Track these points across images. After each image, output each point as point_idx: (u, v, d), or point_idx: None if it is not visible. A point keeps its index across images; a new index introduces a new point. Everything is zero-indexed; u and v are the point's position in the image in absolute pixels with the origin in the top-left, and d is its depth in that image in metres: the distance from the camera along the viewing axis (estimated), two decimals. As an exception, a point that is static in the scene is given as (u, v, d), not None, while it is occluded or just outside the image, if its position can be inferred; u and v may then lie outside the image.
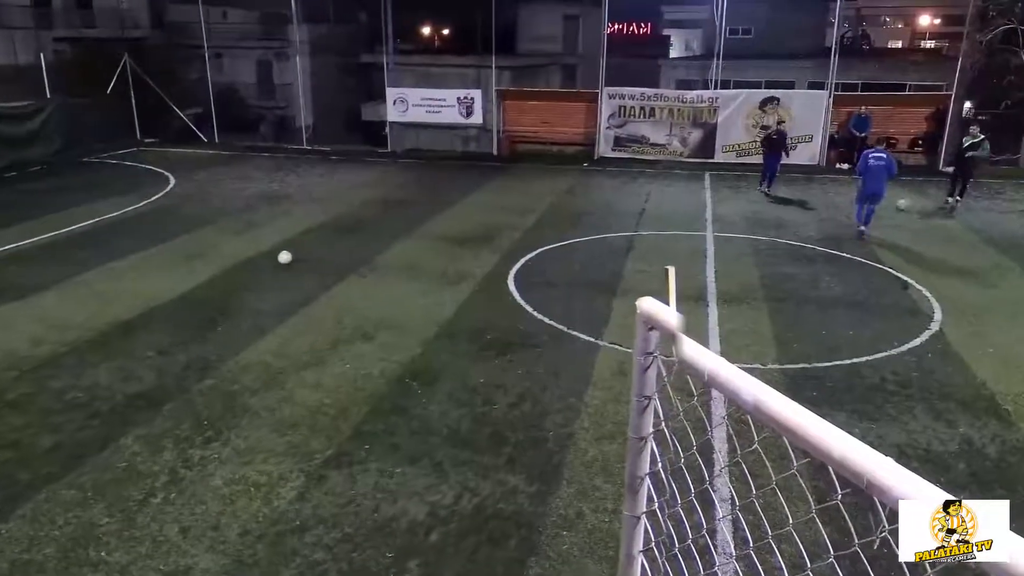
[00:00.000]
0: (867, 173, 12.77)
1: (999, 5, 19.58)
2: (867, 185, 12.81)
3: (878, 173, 12.65)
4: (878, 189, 12.75)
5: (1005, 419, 6.83)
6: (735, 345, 8.47)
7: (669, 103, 21.56)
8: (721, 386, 1.48)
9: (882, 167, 12.64)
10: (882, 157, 12.74)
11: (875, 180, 12.68)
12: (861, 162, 13.12)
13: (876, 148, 13.25)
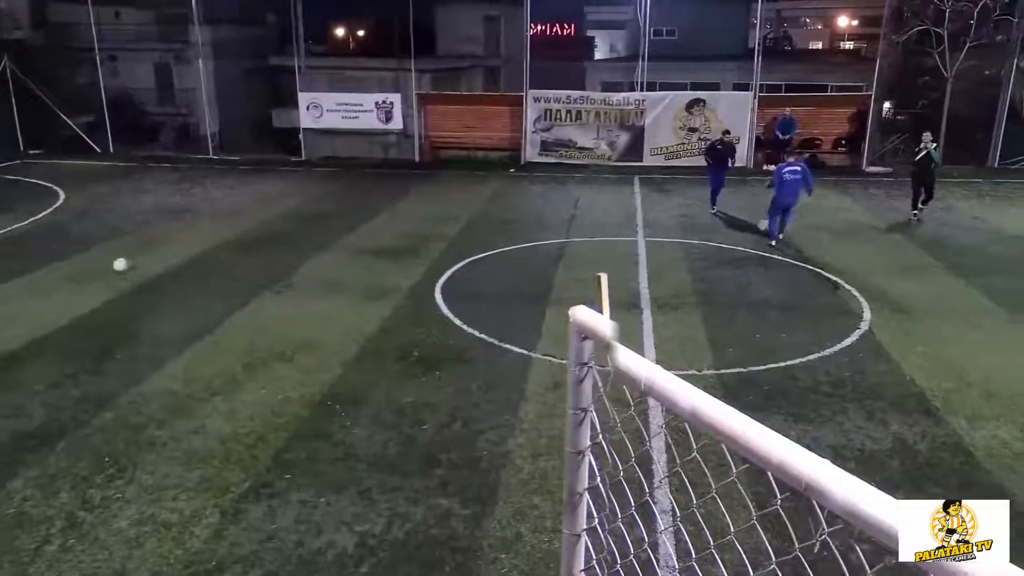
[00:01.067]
0: (783, 187, 12.90)
1: (913, 7, 20.79)
2: (781, 198, 12.94)
3: (794, 187, 12.85)
4: (792, 202, 12.99)
5: (934, 415, 7.20)
6: (670, 352, 8.65)
7: (596, 106, 21.96)
8: (658, 394, 1.51)
9: (798, 181, 12.83)
10: (798, 171, 12.92)
11: (790, 194, 12.90)
12: (776, 175, 13.14)
13: (792, 161, 13.40)
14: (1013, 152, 20.65)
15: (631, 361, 1.58)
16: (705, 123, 21.32)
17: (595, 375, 1.83)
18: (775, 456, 1.22)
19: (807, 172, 13.07)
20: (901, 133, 21.83)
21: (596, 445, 1.94)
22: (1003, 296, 10.47)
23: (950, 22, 19.96)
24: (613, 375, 1.62)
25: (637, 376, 1.55)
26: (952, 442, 6.73)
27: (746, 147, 21.30)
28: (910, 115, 22.51)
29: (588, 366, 1.82)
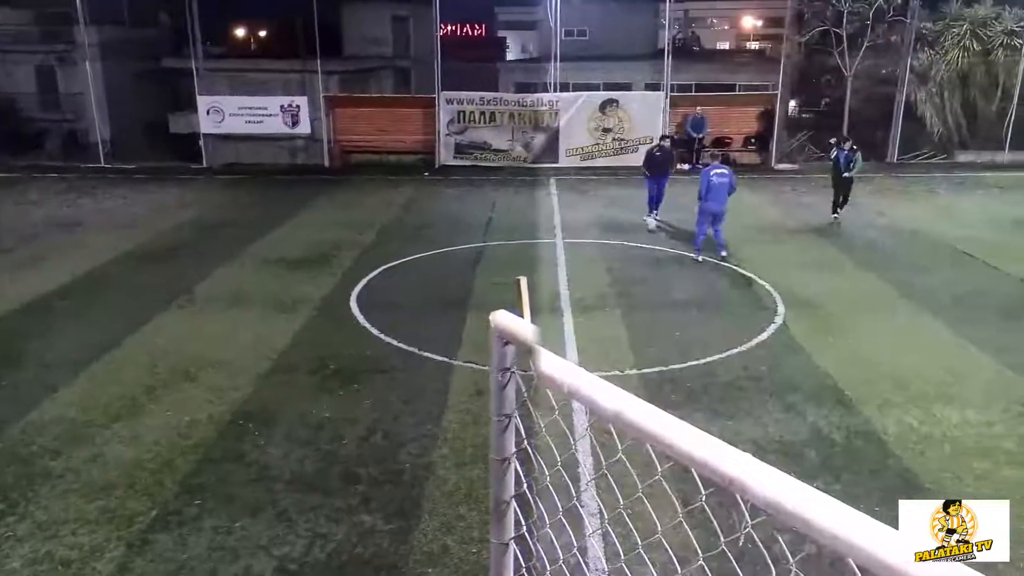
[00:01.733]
0: (709, 192, 12.31)
1: (813, 8, 21.84)
2: (709, 204, 12.37)
3: (721, 192, 12.28)
4: (721, 208, 12.39)
5: (848, 405, 7.56)
6: (593, 354, 8.78)
7: (509, 107, 22.11)
8: (582, 397, 1.53)
9: (725, 185, 12.28)
10: (725, 174, 12.37)
11: (718, 200, 12.31)
12: (703, 180, 12.48)
13: (717, 163, 12.80)
14: (910, 148, 21.92)
15: (554, 365, 1.60)
16: (619, 123, 21.78)
17: (518, 380, 1.84)
18: (699, 453, 1.25)
19: (732, 175, 12.53)
20: (807, 130, 22.84)
21: (521, 451, 1.95)
22: (908, 288, 11.09)
23: (848, 23, 21.06)
24: (536, 380, 1.63)
25: (560, 380, 1.57)
26: (865, 430, 7.07)
27: (660, 147, 21.82)
28: (814, 113, 23.59)
29: (511, 371, 1.83)
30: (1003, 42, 21.14)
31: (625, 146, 21.92)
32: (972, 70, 21.61)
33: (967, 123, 22.10)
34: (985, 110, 21.89)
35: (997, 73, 21.47)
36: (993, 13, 21.51)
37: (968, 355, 8.69)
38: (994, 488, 6.13)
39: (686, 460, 1.28)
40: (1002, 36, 21.16)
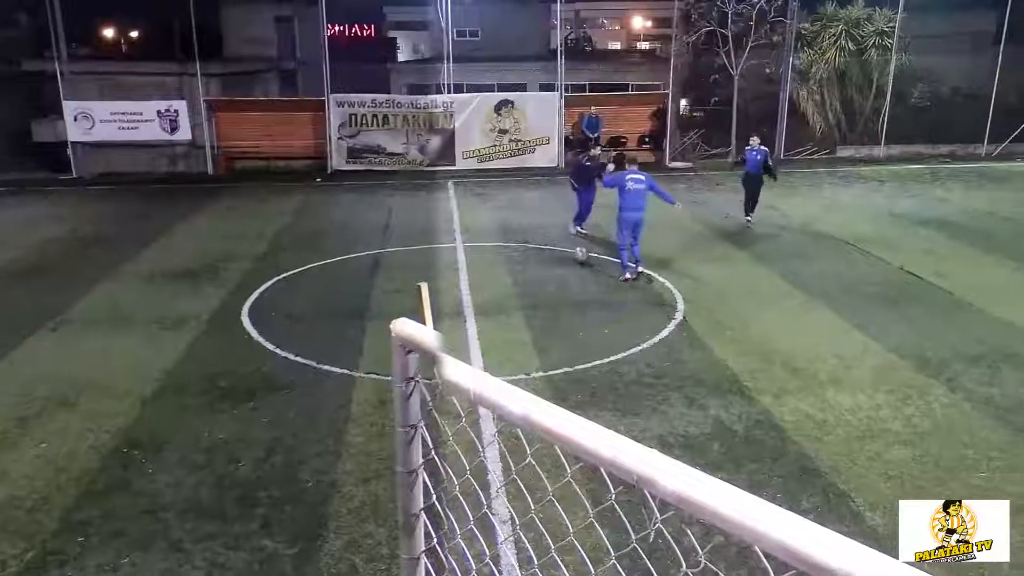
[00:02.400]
0: (625, 199, 11.54)
1: (699, 9, 22.72)
2: (628, 213, 11.56)
3: (638, 199, 11.56)
4: (640, 216, 11.60)
5: (747, 396, 7.89)
6: (497, 358, 8.82)
7: (403, 109, 21.96)
8: (488, 403, 1.53)
9: (643, 191, 11.61)
10: (641, 179, 11.61)
11: (636, 207, 11.56)
12: (616, 182, 11.79)
13: (633, 168, 11.89)
14: (795, 144, 23.11)
15: (459, 371, 1.59)
16: (515, 124, 21.99)
17: (422, 389, 1.83)
18: (606, 452, 1.28)
19: (651, 178, 11.78)
20: (698, 129, 23.72)
21: (429, 462, 1.94)
22: (799, 279, 11.67)
23: (733, 24, 22.00)
24: (441, 387, 1.63)
25: (466, 386, 1.56)
26: (764, 419, 7.40)
27: (556, 147, 22.21)
28: (705, 112, 24.53)
29: (414, 380, 1.81)
30: (875, 42, 22.60)
31: (522, 147, 22.16)
32: (848, 69, 22.99)
33: (846, 119, 23.49)
34: (862, 107, 23.33)
35: (871, 71, 22.92)
36: (865, 14, 22.96)
37: (856, 341, 9.22)
38: (884, 468, 6.53)
39: (594, 460, 1.30)
40: (874, 36, 22.61)
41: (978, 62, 23.05)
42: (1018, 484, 6.27)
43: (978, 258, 12.76)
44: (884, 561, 0.95)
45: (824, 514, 5.91)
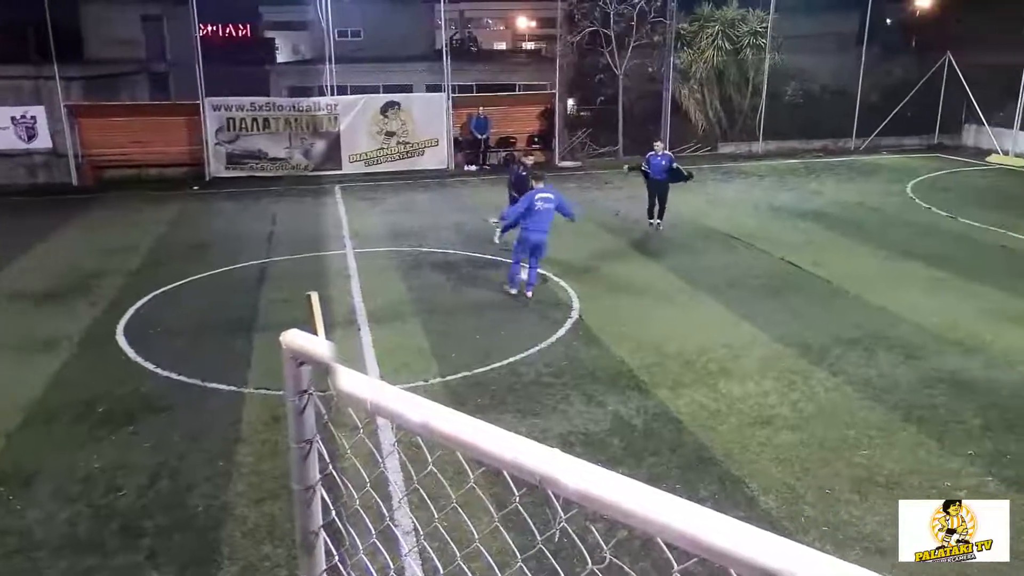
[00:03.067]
0: (531, 218, 10.54)
1: (582, 9, 23.21)
2: (531, 234, 10.59)
3: (545, 220, 10.61)
4: (542, 239, 10.70)
5: (644, 390, 8.12)
6: (394, 365, 8.74)
7: (284, 113, 21.41)
8: (386, 412, 1.51)
9: (551, 211, 10.65)
10: (551, 198, 10.71)
11: (540, 229, 10.63)
12: (524, 203, 10.75)
13: (542, 186, 10.99)
14: (680, 142, 23.95)
15: (354, 381, 1.57)
16: (402, 126, 21.83)
17: (316, 402, 1.79)
18: (508, 455, 1.29)
19: (561, 197, 11.06)
20: (586, 128, 24.22)
21: (327, 477, 1.90)
22: (688, 273, 12.10)
23: (615, 24, 22.60)
24: (336, 399, 1.59)
25: (362, 396, 1.54)
26: (661, 412, 7.64)
27: (445, 149, 22.19)
28: (592, 111, 25.07)
29: (308, 393, 1.77)
30: (749, 42, 23.71)
31: (411, 150, 22.02)
32: (726, 68, 24.01)
33: (726, 117, 24.53)
34: (740, 105, 24.42)
35: (747, 70, 24.03)
36: (739, 15, 24.05)
37: (744, 332, 9.65)
38: (775, 453, 6.86)
39: (497, 463, 1.31)
40: (748, 36, 23.72)
41: (844, 61, 24.54)
42: (896, 461, 6.72)
43: (851, 247, 13.59)
44: (778, 542, 0.99)
45: (721, 501, 6.15)
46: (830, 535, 5.76)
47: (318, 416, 1.81)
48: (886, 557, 5.50)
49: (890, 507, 6.06)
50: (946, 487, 6.31)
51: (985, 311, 10.16)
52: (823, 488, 6.34)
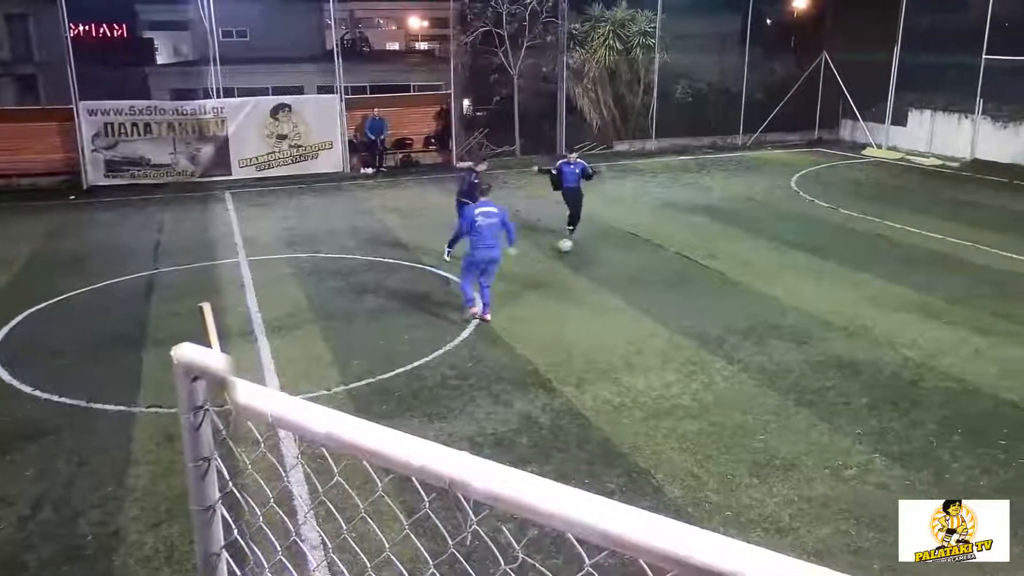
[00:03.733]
0: (477, 237, 9.93)
1: (474, 9, 23.29)
2: (479, 253, 9.96)
3: (491, 236, 9.97)
4: (494, 254, 10.07)
5: (550, 388, 8.22)
6: (295, 376, 8.54)
7: (167, 116, 20.54)
8: (288, 424, 1.48)
9: (495, 225, 10.01)
10: (493, 213, 10.04)
11: (489, 245, 9.98)
12: (466, 219, 10.25)
13: (485, 200, 10.29)
14: (575, 140, 24.34)
15: (252, 394, 1.52)
16: (294, 129, 21.33)
17: (213, 418, 1.73)
18: (416, 460, 1.28)
19: (504, 212, 10.32)
20: (483, 128, 24.30)
21: (227, 495, 1.84)
22: (590, 269, 12.33)
23: (508, 24, 22.78)
24: (234, 413, 1.55)
25: (262, 409, 1.50)
26: (567, 409, 7.75)
27: (340, 151, 21.82)
28: (488, 111, 25.18)
29: (203, 409, 1.70)
30: (639, 42, 24.35)
31: (304, 153, 21.54)
32: (618, 67, 24.58)
33: (620, 115, 25.11)
34: (632, 103, 25.05)
35: (638, 69, 24.66)
36: (629, 15, 24.66)
37: (645, 326, 9.90)
38: (679, 442, 7.08)
39: (405, 470, 1.30)
40: (638, 36, 24.35)
41: (729, 60, 25.52)
42: (791, 444, 7.05)
43: (742, 240, 14.16)
44: (683, 529, 1.03)
45: (629, 493, 6.30)
46: (733, 519, 5.99)
47: (215, 432, 1.75)
48: (785, 537, 5.77)
49: (787, 488, 6.36)
50: (837, 466, 6.67)
51: (866, 297, 10.79)
52: (725, 474, 6.59)
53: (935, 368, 8.53)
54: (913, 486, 6.36)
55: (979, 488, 6.30)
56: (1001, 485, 6.34)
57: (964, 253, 12.98)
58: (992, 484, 6.36)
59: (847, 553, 5.59)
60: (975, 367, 8.53)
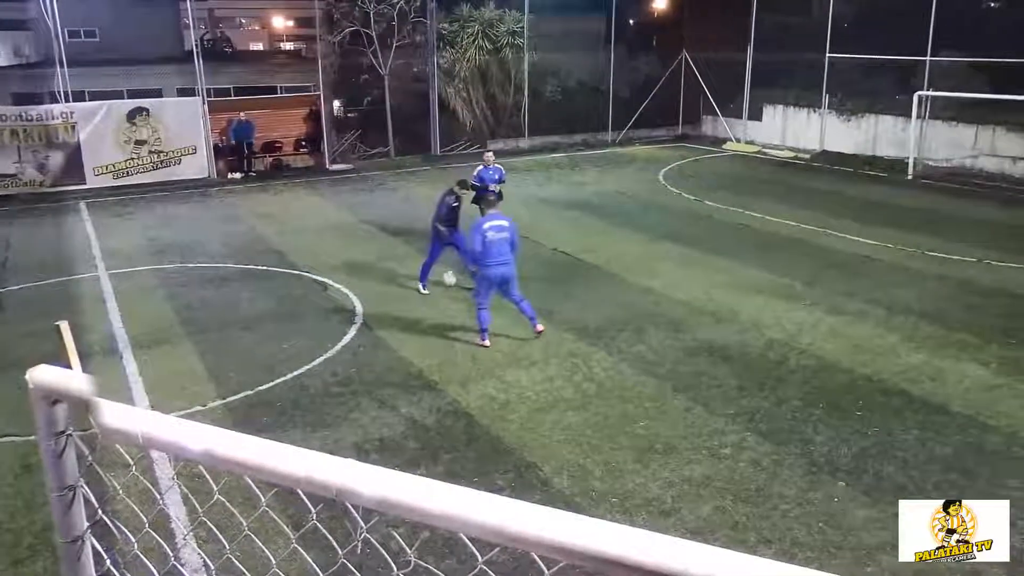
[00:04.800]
0: (488, 253, 9.09)
1: (341, 9, 22.86)
2: (491, 270, 9.14)
3: (503, 251, 9.13)
4: (508, 271, 9.25)
5: (435, 388, 8.20)
6: (167, 393, 8.14)
7: (9, 123, 19.07)
8: (161, 444, 1.41)
9: (506, 239, 9.17)
10: (504, 227, 9.21)
11: (501, 262, 9.14)
12: (474, 238, 9.16)
13: (494, 213, 9.46)
14: (450, 140, 24.37)
15: (120, 415, 1.44)
16: (153, 133, 20.29)
17: (77, 442, 1.62)
18: (300, 472, 1.24)
19: (514, 226, 9.40)
20: (355, 129, 23.90)
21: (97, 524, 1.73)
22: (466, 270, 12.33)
23: (376, 24, 22.49)
24: (101, 437, 1.46)
25: (131, 430, 1.42)
26: (453, 408, 7.75)
27: (205, 156, 20.95)
28: (359, 112, 24.79)
29: (66, 434, 1.60)
30: (508, 41, 24.61)
31: (166, 159, 20.52)
32: (488, 67, 24.75)
33: (492, 114, 25.29)
34: (504, 102, 25.29)
35: (509, 69, 24.93)
36: (497, 15, 24.88)
37: (525, 321, 10.01)
38: (565, 434, 7.22)
39: (289, 482, 1.26)
40: (507, 36, 24.61)
41: (596, 59, 26.21)
42: (670, 428, 7.33)
43: (615, 233, 14.58)
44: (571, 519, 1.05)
45: (518, 488, 6.37)
46: (619, 505, 6.17)
47: (80, 458, 1.65)
48: (669, 518, 5.99)
49: (669, 471, 6.61)
50: (714, 446, 6.99)
51: (732, 284, 11.35)
52: (609, 462, 6.77)
53: (796, 347, 9.08)
54: (782, 460, 6.75)
55: (840, 457, 6.77)
56: (860, 452, 6.83)
57: (817, 238, 13.88)
58: (852, 452, 6.84)
59: (726, 528, 5.87)
60: (831, 345, 9.14)
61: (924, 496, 6.15)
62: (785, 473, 6.57)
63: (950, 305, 10.36)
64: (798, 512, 6.04)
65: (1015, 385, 8.01)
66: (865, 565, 5.43)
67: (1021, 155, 18.51)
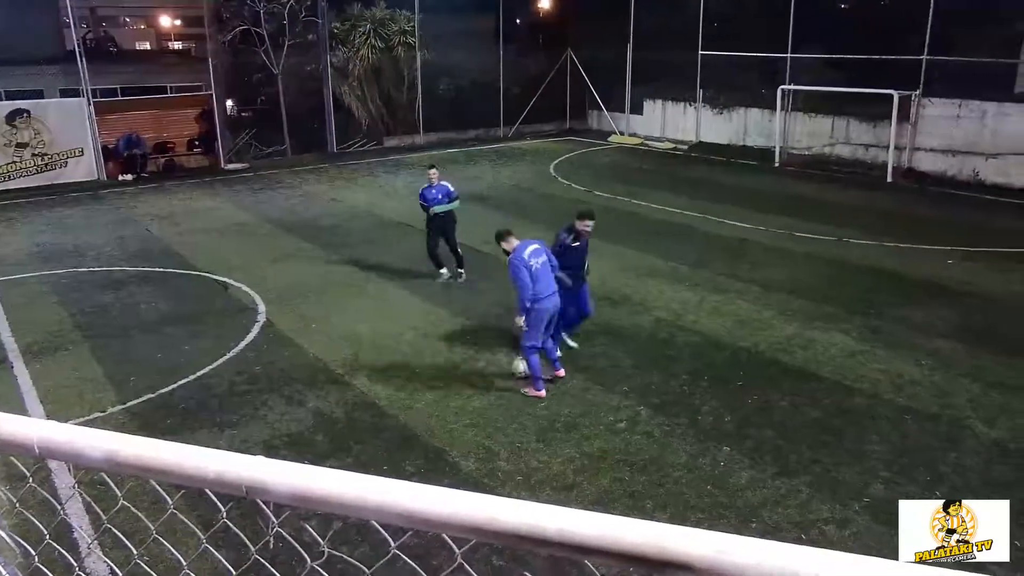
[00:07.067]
0: (538, 284, 7.58)
1: (231, 8, 21.99)
2: (541, 302, 7.61)
3: (548, 277, 7.76)
4: (557, 303, 7.81)
5: (342, 382, 8.06)
6: (64, 401, 7.69)
7: None
8: (59, 453, 1.33)
9: (547, 264, 7.79)
10: (539, 249, 7.87)
11: (549, 291, 7.72)
12: (518, 272, 7.59)
13: (526, 240, 8.01)
14: (346, 137, 23.91)
15: (13, 425, 1.35)
16: (36, 136, 19.02)
17: (-32, 458, 1.51)
18: (209, 471, 1.21)
19: (546, 247, 8.07)
20: (250, 129, 23.10)
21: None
22: (372, 264, 12.16)
23: (266, 22, 21.76)
24: (-6, 450, 1.36)
25: (25, 441, 1.34)
26: (361, 401, 7.65)
27: (93, 158, 19.80)
28: (253, 111, 23.96)
29: (-45, 450, 1.49)
30: (400, 40, 24.30)
31: (51, 162, 19.28)
32: (382, 65, 24.38)
33: (388, 112, 24.95)
34: (399, 100, 24.98)
35: (402, 67, 24.63)
36: (388, 15, 24.50)
37: (429, 313, 9.99)
38: (469, 419, 7.24)
39: (198, 483, 1.22)
40: (399, 35, 24.29)
41: (487, 57, 26.22)
42: (571, 407, 7.47)
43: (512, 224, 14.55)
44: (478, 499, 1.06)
45: (427, 473, 6.36)
46: (524, 483, 6.25)
47: (-28, 473, 1.54)
48: (571, 491, 6.12)
49: (569, 447, 6.74)
50: (610, 421, 7.16)
51: (624, 268, 11.63)
52: (513, 443, 6.84)
53: (683, 326, 9.40)
54: (673, 431, 6.99)
55: (725, 424, 7.07)
56: (743, 420, 7.15)
57: (698, 224, 14.38)
58: (735, 419, 7.16)
59: (624, 497, 6.04)
60: (714, 322, 9.52)
61: (799, 456, 6.52)
62: (676, 443, 6.81)
63: (818, 281, 10.95)
64: (689, 478, 6.28)
65: (875, 351, 8.56)
66: (750, 522, 5.71)
67: (872, 143, 19.71)
